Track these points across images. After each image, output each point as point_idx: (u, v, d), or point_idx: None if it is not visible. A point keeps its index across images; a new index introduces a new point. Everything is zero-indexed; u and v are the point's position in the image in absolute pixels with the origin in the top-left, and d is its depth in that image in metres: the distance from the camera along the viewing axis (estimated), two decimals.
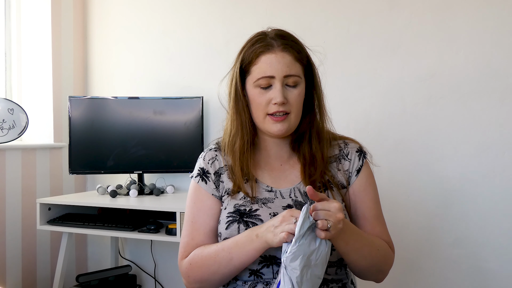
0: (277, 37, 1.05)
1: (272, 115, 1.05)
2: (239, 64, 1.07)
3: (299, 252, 0.88)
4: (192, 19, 2.38)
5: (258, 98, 1.05)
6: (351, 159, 1.14)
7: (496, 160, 1.84)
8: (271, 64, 1.02)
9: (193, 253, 1.07)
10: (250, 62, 1.05)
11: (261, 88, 1.04)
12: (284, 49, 1.03)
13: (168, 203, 2.04)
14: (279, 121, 1.04)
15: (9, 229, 2.19)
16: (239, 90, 1.08)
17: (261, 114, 1.06)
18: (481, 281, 1.87)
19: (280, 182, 1.11)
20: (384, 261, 1.08)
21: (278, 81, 1.03)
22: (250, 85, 1.06)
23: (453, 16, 1.89)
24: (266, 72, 1.03)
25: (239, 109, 1.09)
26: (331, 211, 0.90)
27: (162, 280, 2.45)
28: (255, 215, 1.05)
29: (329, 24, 2.10)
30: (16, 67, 2.45)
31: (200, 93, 2.30)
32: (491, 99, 1.85)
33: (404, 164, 1.98)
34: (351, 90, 2.06)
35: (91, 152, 2.26)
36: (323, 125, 1.12)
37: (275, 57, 1.02)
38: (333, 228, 0.89)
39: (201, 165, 1.15)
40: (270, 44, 1.04)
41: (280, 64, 1.02)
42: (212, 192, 1.12)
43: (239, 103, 1.09)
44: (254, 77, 1.05)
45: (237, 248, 1.00)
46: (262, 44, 1.04)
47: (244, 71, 1.07)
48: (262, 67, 1.03)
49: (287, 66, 1.03)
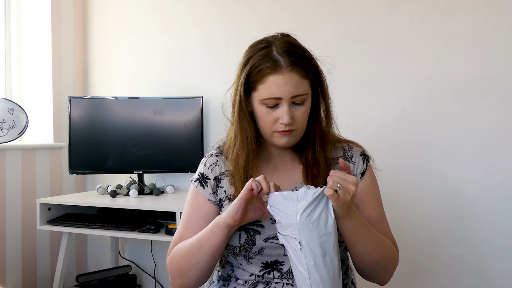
0: (284, 54, 1.01)
1: (279, 132, 1.04)
2: (243, 79, 1.04)
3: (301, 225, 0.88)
4: (192, 19, 2.38)
5: (264, 116, 1.03)
6: (355, 162, 1.14)
7: (496, 160, 1.84)
8: (278, 86, 0.99)
9: (174, 248, 1.09)
10: (256, 80, 1.02)
11: (267, 107, 1.02)
12: (292, 70, 1.00)
13: (168, 203, 2.04)
14: (286, 135, 1.04)
15: (9, 229, 2.19)
16: (244, 106, 1.06)
17: (268, 131, 1.05)
18: (482, 281, 1.87)
19: (282, 183, 1.11)
20: (390, 260, 1.07)
21: (285, 102, 1.01)
22: (256, 101, 1.04)
23: (453, 16, 1.89)
24: (273, 94, 1.00)
25: (244, 126, 1.07)
26: (347, 180, 0.91)
27: (162, 280, 2.45)
28: (256, 221, 1.05)
29: (329, 24, 2.10)
30: (16, 67, 2.45)
31: (200, 93, 2.30)
32: (491, 99, 1.85)
33: (404, 164, 1.98)
34: (351, 90, 2.06)
35: (91, 152, 2.26)
36: (328, 130, 1.12)
37: (283, 79, 0.99)
38: (342, 194, 0.89)
39: (201, 170, 1.16)
40: (278, 64, 1.00)
41: (288, 86, 0.99)
42: (208, 197, 1.12)
43: (243, 119, 1.07)
44: (260, 95, 1.02)
45: (204, 233, 1.02)
46: (269, 64, 1.00)
47: (250, 86, 1.04)
48: (269, 87, 1.00)
49: (295, 87, 1.00)
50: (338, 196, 0.89)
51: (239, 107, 1.06)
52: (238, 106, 1.06)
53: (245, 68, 1.04)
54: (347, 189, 0.90)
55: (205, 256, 1.02)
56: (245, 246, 1.04)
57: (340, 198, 0.89)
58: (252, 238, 1.03)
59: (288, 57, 1.00)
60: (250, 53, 1.06)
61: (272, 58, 1.01)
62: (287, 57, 1.00)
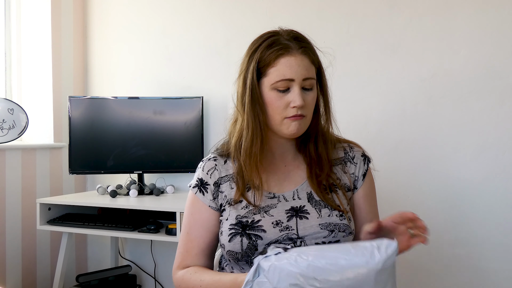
0: (292, 39, 1.03)
1: (289, 118, 1.03)
2: (254, 65, 1.04)
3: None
4: (192, 19, 2.38)
5: (275, 101, 1.03)
6: (357, 163, 1.14)
7: (496, 160, 1.84)
8: (291, 67, 1.01)
9: (186, 272, 1.08)
10: (267, 64, 1.02)
11: (278, 91, 1.02)
12: (302, 52, 1.02)
13: (168, 203, 2.04)
14: (297, 120, 1.03)
15: (9, 229, 2.19)
16: (257, 92, 1.04)
17: (278, 118, 1.04)
18: (482, 281, 1.87)
19: (284, 184, 1.11)
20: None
21: (297, 84, 1.01)
22: (266, 87, 1.04)
23: (453, 16, 1.89)
24: (285, 75, 1.01)
25: (256, 112, 1.05)
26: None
27: (162, 280, 2.45)
28: (258, 226, 1.04)
29: (329, 24, 2.10)
30: (16, 67, 2.45)
31: (200, 93, 2.30)
32: (491, 99, 1.85)
33: (404, 164, 1.98)
34: (351, 90, 2.06)
35: (91, 152, 2.26)
36: (328, 127, 1.12)
37: (295, 60, 1.01)
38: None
39: (200, 176, 1.14)
40: (289, 46, 1.02)
41: (300, 67, 1.01)
42: (209, 204, 1.11)
43: (256, 106, 1.05)
44: (271, 79, 1.02)
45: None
46: (279, 46, 1.02)
47: (260, 72, 1.04)
48: (281, 69, 1.01)
49: (306, 69, 1.02)
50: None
51: (252, 94, 1.04)
52: (250, 94, 1.05)
53: (254, 55, 1.05)
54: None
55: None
56: (247, 251, 1.03)
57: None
58: (254, 244, 1.03)
59: (297, 42, 1.03)
60: (256, 43, 1.07)
61: (282, 42, 1.03)
62: (296, 42, 1.03)
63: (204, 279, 1.04)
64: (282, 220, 1.05)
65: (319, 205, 1.07)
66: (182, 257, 1.12)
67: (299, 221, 1.05)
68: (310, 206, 1.07)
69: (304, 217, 1.05)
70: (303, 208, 1.07)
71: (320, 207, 1.07)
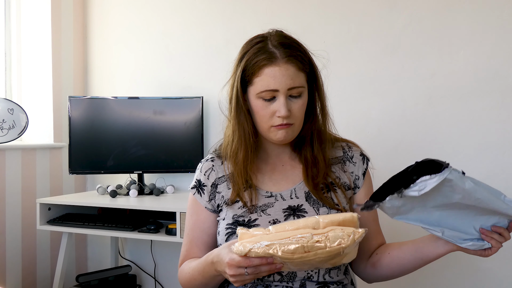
0: (280, 46, 1.01)
1: (276, 126, 1.04)
2: (240, 73, 1.04)
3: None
4: (192, 19, 2.38)
5: (261, 110, 1.03)
6: (356, 162, 1.14)
7: (496, 160, 1.84)
8: (274, 78, 0.99)
9: (182, 266, 1.14)
10: (253, 73, 1.02)
11: (264, 100, 1.02)
12: (288, 61, 1.00)
13: (168, 203, 2.04)
14: (283, 129, 1.03)
15: (9, 229, 2.19)
16: (241, 100, 1.05)
17: (265, 126, 1.04)
18: (482, 281, 1.87)
19: (281, 183, 1.11)
20: None
21: (282, 94, 1.00)
22: (253, 96, 1.04)
23: (453, 16, 1.89)
24: (269, 86, 1.00)
25: (241, 120, 1.06)
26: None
27: (162, 280, 2.45)
28: (254, 225, 1.05)
29: (329, 24, 2.10)
30: (16, 67, 2.45)
31: (200, 93, 2.30)
32: (491, 99, 1.84)
33: (404, 164, 1.95)
34: (351, 90, 2.06)
35: (91, 152, 2.26)
36: (325, 128, 1.12)
37: (279, 70, 0.99)
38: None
39: (198, 177, 1.16)
40: (273, 56, 1.00)
41: (284, 77, 0.99)
42: (205, 205, 1.13)
43: (241, 114, 1.06)
44: (257, 89, 1.02)
45: (200, 273, 1.04)
46: (264, 56, 1.00)
47: (246, 80, 1.04)
48: (265, 79, 1.00)
49: (291, 79, 1.00)
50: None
51: (236, 102, 1.06)
52: (235, 102, 1.06)
53: (241, 63, 1.04)
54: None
55: (205, 286, 1.07)
56: None
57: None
58: None
59: (284, 49, 1.01)
60: (245, 48, 1.06)
61: (268, 50, 1.01)
62: (283, 49, 1.01)
63: (190, 266, 1.08)
64: (279, 219, 1.05)
65: (317, 204, 1.07)
66: (184, 256, 1.15)
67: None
68: (308, 205, 1.07)
69: (301, 216, 1.05)
70: (301, 207, 1.07)
71: (319, 206, 1.07)
